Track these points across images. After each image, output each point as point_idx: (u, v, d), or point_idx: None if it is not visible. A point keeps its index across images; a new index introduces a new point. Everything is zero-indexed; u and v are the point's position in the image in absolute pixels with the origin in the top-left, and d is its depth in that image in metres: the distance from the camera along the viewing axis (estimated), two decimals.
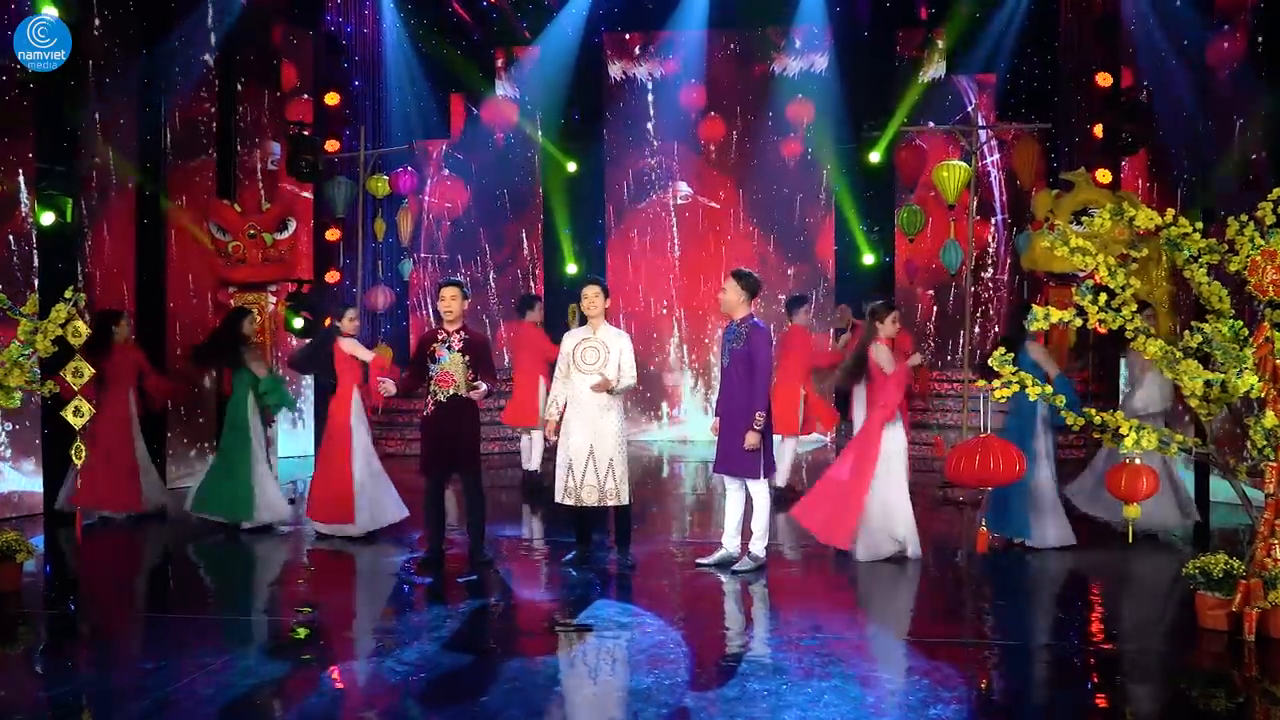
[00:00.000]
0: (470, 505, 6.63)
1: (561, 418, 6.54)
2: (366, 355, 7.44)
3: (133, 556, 7.44)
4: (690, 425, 13.75)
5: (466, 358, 6.43)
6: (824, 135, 13.21)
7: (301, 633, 5.30)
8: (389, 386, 6.54)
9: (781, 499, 8.43)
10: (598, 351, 6.39)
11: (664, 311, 14.20)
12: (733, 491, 6.52)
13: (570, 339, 6.52)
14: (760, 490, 6.37)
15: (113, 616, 5.68)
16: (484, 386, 6.42)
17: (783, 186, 13.86)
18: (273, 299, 9.42)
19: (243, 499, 7.58)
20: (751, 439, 6.13)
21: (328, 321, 7.99)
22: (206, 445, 9.77)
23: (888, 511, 6.50)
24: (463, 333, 6.50)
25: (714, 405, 6.63)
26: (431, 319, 12.87)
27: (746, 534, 6.52)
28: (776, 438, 8.67)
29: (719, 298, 6.43)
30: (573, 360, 6.42)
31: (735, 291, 6.36)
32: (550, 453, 9.23)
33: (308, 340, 8.91)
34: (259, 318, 8.50)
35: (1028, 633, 5.36)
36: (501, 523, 7.99)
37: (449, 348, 6.44)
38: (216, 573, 6.96)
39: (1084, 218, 8.09)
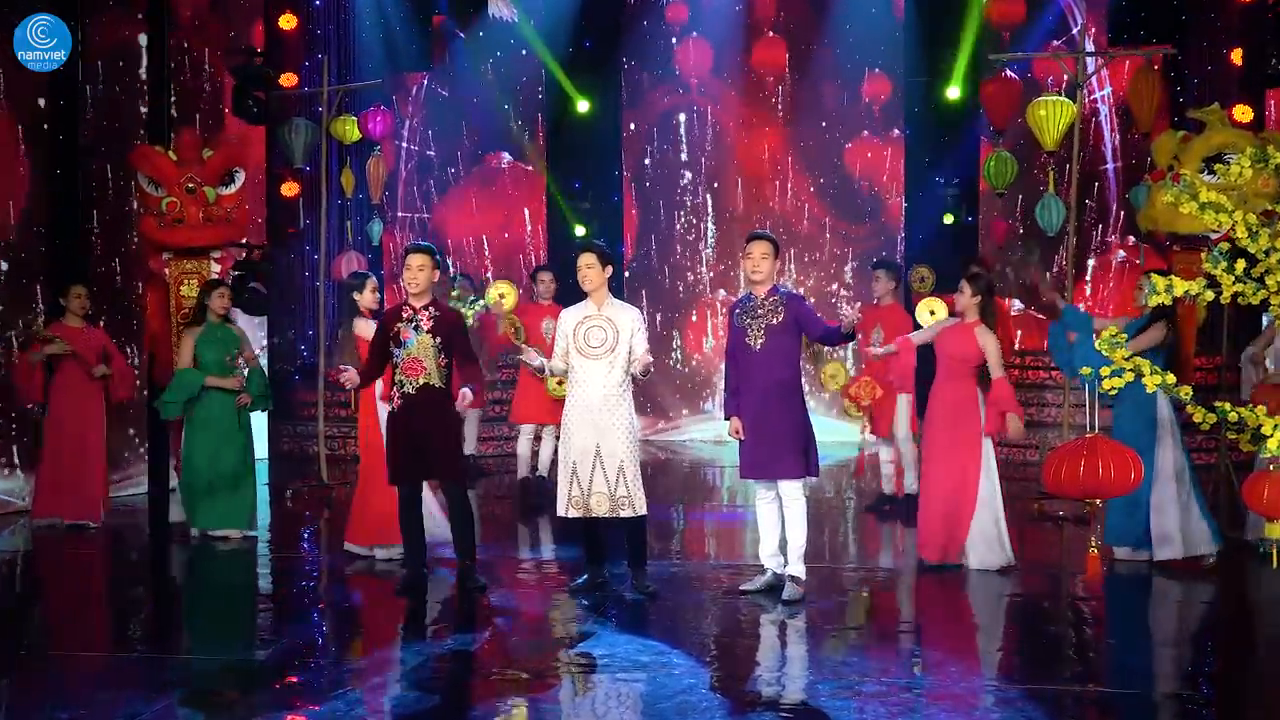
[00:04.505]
0: (455, 519, 6.64)
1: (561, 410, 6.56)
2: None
3: (49, 579, 7.51)
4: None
5: (438, 340, 6.42)
6: (893, 66, 13.11)
7: (255, 674, 5.31)
8: (351, 376, 6.53)
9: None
10: (604, 331, 6.36)
11: (697, 286, 14.18)
12: (765, 502, 6.52)
13: (570, 317, 6.49)
14: (794, 495, 6.36)
15: (20, 654, 5.73)
16: (469, 394, 6.30)
17: (841, 130, 13.77)
18: (216, 267, 9.45)
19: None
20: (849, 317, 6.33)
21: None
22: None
23: (998, 517, 6.84)
24: (432, 309, 6.49)
25: (724, 403, 6.61)
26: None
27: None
28: (876, 438, 8.79)
29: (751, 266, 6.38)
30: (573, 343, 6.42)
31: (771, 258, 6.38)
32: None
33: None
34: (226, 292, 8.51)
35: (1146, 678, 5.30)
36: (496, 540, 8.00)
37: (416, 328, 6.42)
38: (151, 599, 7.01)
39: (1217, 165, 7.98)
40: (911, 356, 7.35)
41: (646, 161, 14.16)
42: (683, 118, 14.14)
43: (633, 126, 14.01)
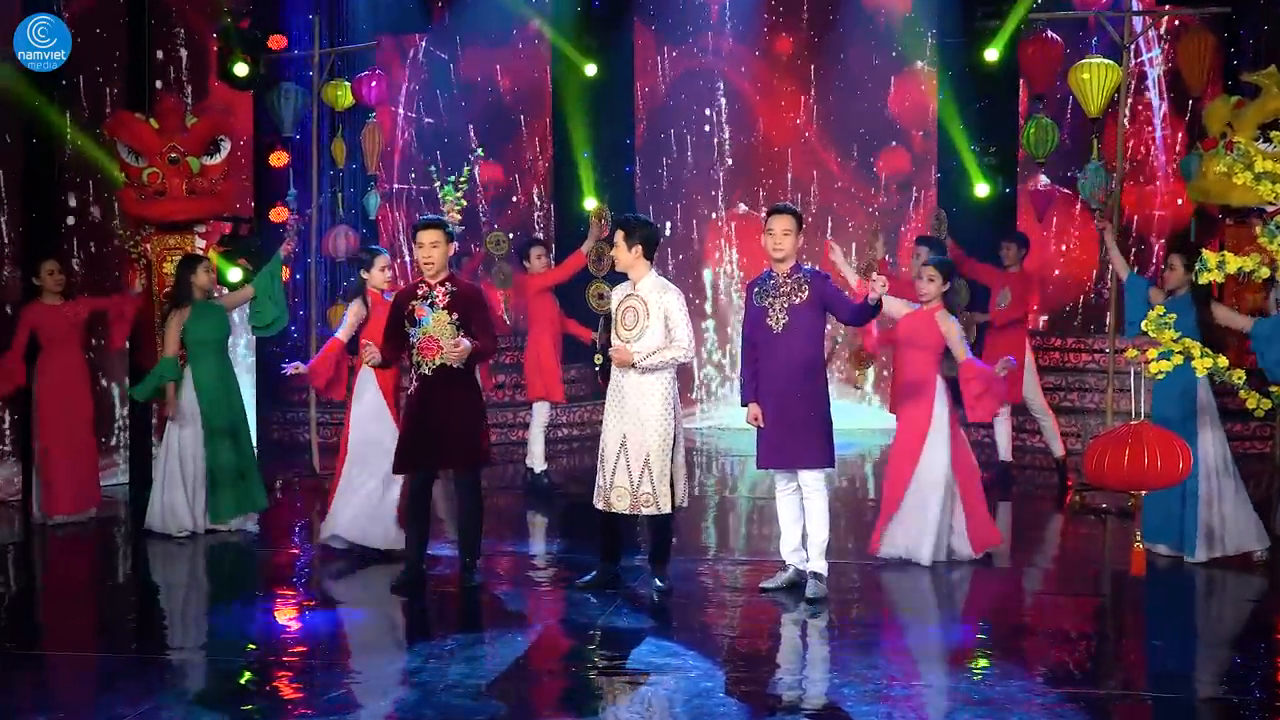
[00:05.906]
0: (463, 511, 6.68)
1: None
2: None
3: (34, 576, 7.55)
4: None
5: (454, 316, 6.43)
6: (924, 27, 13.03)
7: (245, 676, 5.35)
8: (374, 352, 6.52)
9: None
10: (636, 312, 6.37)
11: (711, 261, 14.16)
12: (785, 494, 6.53)
13: (615, 296, 6.60)
14: (816, 486, 6.38)
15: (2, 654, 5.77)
16: (465, 343, 6.29)
17: (868, 95, 13.71)
18: (201, 242, 9.46)
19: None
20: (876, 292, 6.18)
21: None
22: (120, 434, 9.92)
23: (929, 506, 6.96)
24: (449, 284, 6.50)
25: (741, 389, 6.59)
26: (410, 270, 12.89)
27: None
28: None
29: (773, 244, 6.36)
30: (615, 325, 6.46)
31: (794, 234, 6.38)
32: (558, 448, 9.32)
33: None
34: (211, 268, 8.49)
35: (1191, 681, 5.31)
36: (500, 534, 8.02)
37: (431, 305, 6.44)
38: (140, 597, 7.06)
39: (1274, 133, 7.94)
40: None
41: (660, 111, 14.06)
42: (698, 71, 14.03)
43: (645, 89, 13.95)
